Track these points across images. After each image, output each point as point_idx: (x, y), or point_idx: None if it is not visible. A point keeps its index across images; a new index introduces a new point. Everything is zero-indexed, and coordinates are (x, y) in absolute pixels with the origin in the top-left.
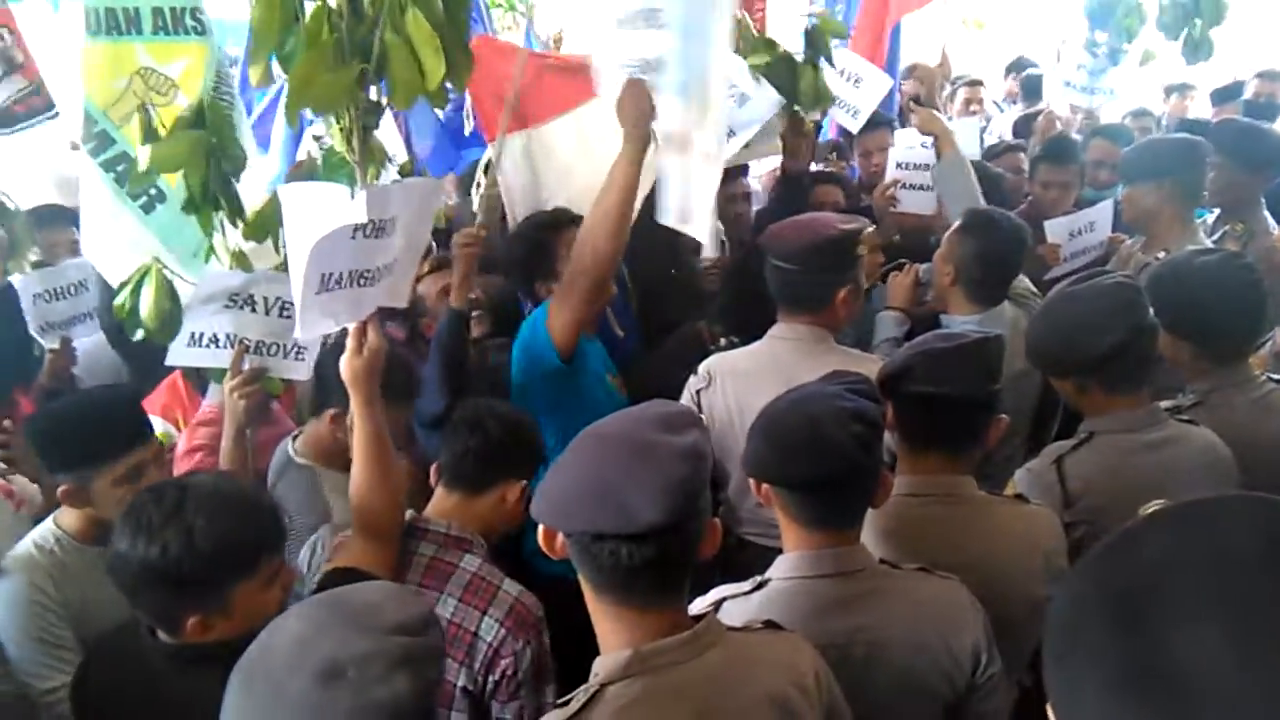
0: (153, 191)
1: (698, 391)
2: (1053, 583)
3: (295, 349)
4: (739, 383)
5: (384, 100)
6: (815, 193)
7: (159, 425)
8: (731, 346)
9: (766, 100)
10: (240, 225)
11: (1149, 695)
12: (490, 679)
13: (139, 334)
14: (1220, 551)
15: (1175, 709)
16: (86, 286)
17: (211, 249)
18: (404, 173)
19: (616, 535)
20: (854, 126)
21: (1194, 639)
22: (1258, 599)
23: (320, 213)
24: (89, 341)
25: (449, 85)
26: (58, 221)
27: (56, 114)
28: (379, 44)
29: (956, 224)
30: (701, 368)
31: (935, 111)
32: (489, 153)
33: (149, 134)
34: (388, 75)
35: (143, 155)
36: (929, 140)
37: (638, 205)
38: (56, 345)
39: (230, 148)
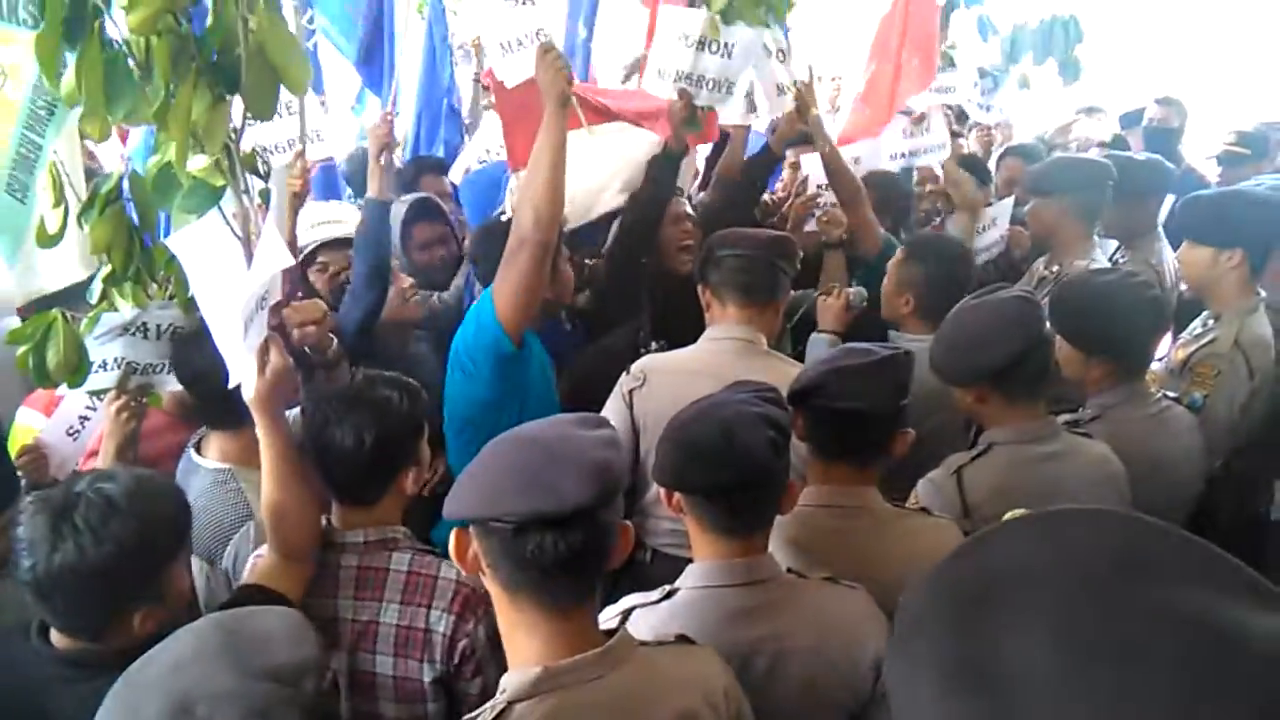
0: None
1: (630, 391)
2: None
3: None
4: (674, 381)
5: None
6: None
7: (35, 420)
8: (662, 350)
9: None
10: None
11: (976, 693)
12: (453, 664)
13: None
14: (1064, 563)
15: (997, 709)
16: None
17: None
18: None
19: (543, 522)
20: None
21: (1025, 646)
22: (1092, 613)
23: (212, 250)
24: None
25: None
26: None
27: None
28: (244, 60)
29: (900, 254)
30: (634, 367)
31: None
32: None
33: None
34: (243, 89)
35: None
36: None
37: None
38: None
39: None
